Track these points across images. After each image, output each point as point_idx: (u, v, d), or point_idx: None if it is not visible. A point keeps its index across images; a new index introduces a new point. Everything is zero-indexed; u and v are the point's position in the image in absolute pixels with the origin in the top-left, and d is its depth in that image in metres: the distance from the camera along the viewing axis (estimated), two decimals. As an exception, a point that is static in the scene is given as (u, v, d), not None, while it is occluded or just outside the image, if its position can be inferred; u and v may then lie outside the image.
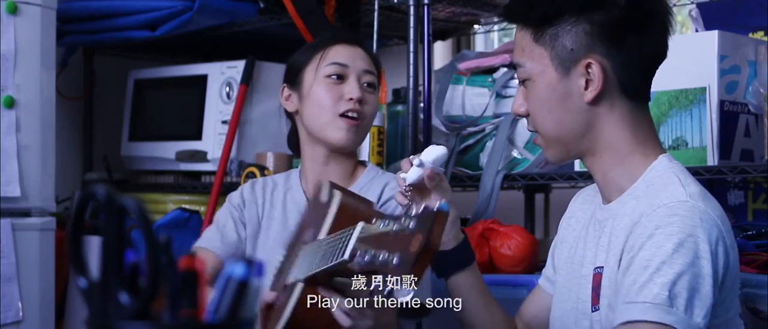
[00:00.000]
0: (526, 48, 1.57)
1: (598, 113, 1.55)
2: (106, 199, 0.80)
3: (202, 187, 3.12)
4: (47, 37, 2.69)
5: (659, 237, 1.44)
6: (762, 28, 2.69)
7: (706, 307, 1.43)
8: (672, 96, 2.31)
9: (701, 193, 1.51)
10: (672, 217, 1.45)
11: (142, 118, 3.31)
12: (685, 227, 1.44)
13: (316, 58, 2.11)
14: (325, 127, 2.08)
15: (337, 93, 2.07)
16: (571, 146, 1.58)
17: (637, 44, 1.55)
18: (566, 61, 1.53)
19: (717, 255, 1.45)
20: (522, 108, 1.60)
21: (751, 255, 2.26)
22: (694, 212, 1.45)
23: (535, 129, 1.60)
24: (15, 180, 2.59)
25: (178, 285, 0.81)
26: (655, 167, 1.55)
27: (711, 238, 1.44)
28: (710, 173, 2.29)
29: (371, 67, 2.13)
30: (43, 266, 2.66)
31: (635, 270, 1.45)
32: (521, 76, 1.59)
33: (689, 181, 1.52)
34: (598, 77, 1.52)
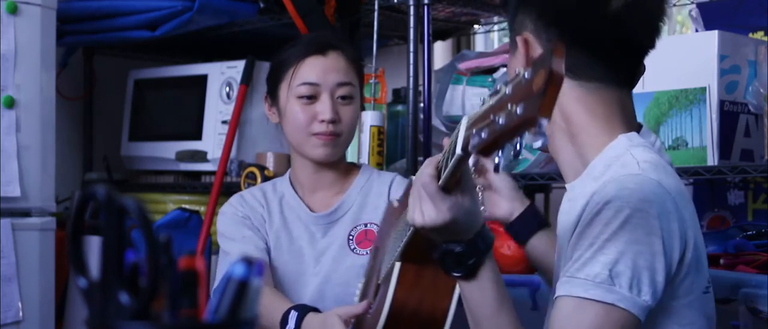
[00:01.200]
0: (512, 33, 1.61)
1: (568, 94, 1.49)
2: (106, 199, 0.80)
3: (202, 187, 3.13)
4: (47, 37, 2.69)
5: (607, 213, 1.36)
6: (762, 28, 2.69)
7: (657, 285, 1.36)
8: (672, 96, 2.31)
9: (655, 164, 1.42)
10: (621, 191, 1.37)
11: (142, 118, 3.31)
12: (633, 200, 1.36)
13: (288, 76, 2.08)
14: (301, 145, 2.08)
15: (310, 113, 2.05)
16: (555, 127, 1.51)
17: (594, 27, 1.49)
18: (513, 40, 1.55)
19: (671, 232, 1.38)
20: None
21: (751, 254, 2.26)
22: (646, 184, 1.38)
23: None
24: (15, 180, 2.59)
25: (178, 285, 0.81)
26: (614, 146, 1.47)
27: (662, 212, 1.37)
28: (710, 173, 2.29)
29: (346, 76, 2.08)
30: (43, 266, 2.66)
31: (582, 246, 1.38)
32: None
33: (646, 156, 1.44)
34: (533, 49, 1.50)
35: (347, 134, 2.08)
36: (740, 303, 2.11)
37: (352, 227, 2.10)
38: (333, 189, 2.14)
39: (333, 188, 2.14)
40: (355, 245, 2.09)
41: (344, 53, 2.10)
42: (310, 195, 2.15)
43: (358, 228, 2.10)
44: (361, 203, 2.11)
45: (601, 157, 1.48)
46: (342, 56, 2.09)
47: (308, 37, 2.15)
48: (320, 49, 2.08)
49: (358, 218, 2.11)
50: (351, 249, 2.09)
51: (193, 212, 3.06)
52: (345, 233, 2.10)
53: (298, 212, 2.13)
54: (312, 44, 2.09)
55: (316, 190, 2.14)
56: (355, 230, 2.10)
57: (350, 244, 2.10)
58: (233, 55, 3.08)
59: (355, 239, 2.10)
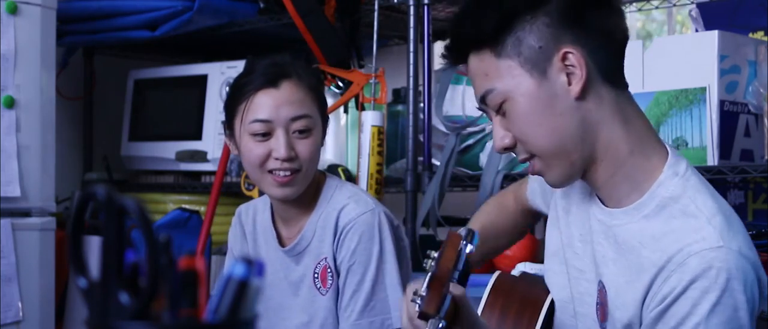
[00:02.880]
0: (489, 71, 1.44)
1: (588, 108, 1.42)
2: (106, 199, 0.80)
3: (202, 187, 3.13)
4: (47, 37, 2.69)
5: (694, 294, 1.36)
6: (762, 28, 2.69)
7: None
8: (672, 96, 2.31)
9: (726, 221, 1.41)
10: (708, 271, 1.36)
11: (142, 118, 3.31)
12: (721, 281, 1.36)
13: (241, 110, 1.95)
14: (258, 183, 2.00)
15: (264, 150, 1.94)
16: (574, 155, 1.43)
17: (600, 23, 1.43)
18: (539, 61, 1.41)
19: (754, 300, 1.39)
20: (506, 139, 1.46)
21: (751, 255, 2.26)
22: (729, 260, 1.37)
23: (531, 152, 1.45)
24: (15, 180, 2.59)
25: (178, 285, 0.81)
26: (664, 182, 1.44)
27: (746, 286, 1.37)
28: (710, 173, 2.29)
29: (302, 107, 1.94)
30: (43, 266, 2.66)
31: (668, 324, 1.38)
32: (495, 103, 1.44)
33: (710, 206, 1.42)
34: (580, 64, 1.40)
35: (307, 168, 1.96)
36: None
37: (316, 263, 2.01)
38: (298, 221, 2.04)
39: (299, 219, 2.04)
40: (319, 283, 2.00)
41: (300, 82, 1.96)
42: (282, 223, 2.08)
43: (321, 264, 2.00)
44: (320, 235, 2.00)
45: (651, 194, 1.44)
46: (297, 86, 1.95)
47: (262, 66, 1.98)
48: (272, 80, 1.94)
49: (320, 251, 2.00)
50: (317, 287, 2.01)
51: (193, 212, 3.06)
52: (312, 267, 2.01)
53: (270, 241, 2.08)
54: (264, 75, 1.95)
55: (285, 219, 2.06)
56: (319, 266, 2.00)
57: (316, 282, 2.01)
58: (233, 55, 3.08)
59: (320, 276, 2.01)
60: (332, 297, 1.99)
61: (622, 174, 1.46)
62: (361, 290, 1.96)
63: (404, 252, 2.06)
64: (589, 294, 1.53)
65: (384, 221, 1.98)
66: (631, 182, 1.46)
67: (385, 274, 1.97)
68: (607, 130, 1.44)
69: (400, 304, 1.53)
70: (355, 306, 1.96)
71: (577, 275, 1.56)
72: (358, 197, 2.00)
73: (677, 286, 1.37)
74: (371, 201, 2.01)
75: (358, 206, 1.97)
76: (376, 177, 2.64)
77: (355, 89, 2.71)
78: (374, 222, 1.96)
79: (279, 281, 2.05)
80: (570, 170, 1.46)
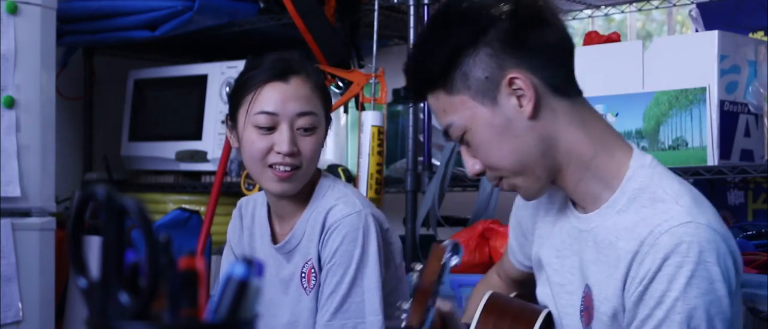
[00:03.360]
0: (445, 107, 1.52)
1: (543, 124, 1.50)
2: (106, 199, 0.80)
3: (202, 187, 3.13)
4: (47, 37, 2.69)
5: (669, 270, 1.41)
6: (762, 28, 2.69)
7: (728, 322, 1.43)
8: (672, 96, 2.31)
9: (694, 200, 1.47)
10: (679, 246, 1.41)
11: (142, 118, 3.31)
12: (693, 254, 1.41)
13: (247, 101, 1.95)
14: (257, 177, 1.99)
15: (266, 144, 1.93)
16: (538, 170, 1.51)
17: (539, 41, 1.50)
18: (488, 91, 1.48)
19: (728, 270, 1.43)
20: (477, 166, 1.54)
21: (751, 254, 2.26)
22: (700, 234, 1.42)
23: (499, 173, 1.53)
24: (15, 180, 2.59)
25: (178, 285, 0.81)
26: (632, 176, 1.50)
27: (719, 257, 1.42)
28: (710, 173, 2.29)
29: (308, 104, 1.95)
30: (43, 266, 2.66)
31: (648, 304, 1.43)
32: (456, 135, 1.53)
33: (676, 189, 1.48)
34: (527, 86, 1.48)
35: (307, 166, 1.96)
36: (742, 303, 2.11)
37: (304, 262, 2.00)
38: (291, 218, 2.03)
39: (292, 216, 2.03)
40: (306, 283, 2.00)
41: (308, 79, 1.97)
42: (277, 220, 2.08)
43: (308, 264, 2.00)
44: (309, 234, 1.99)
45: (621, 189, 1.50)
46: (305, 82, 1.96)
47: (271, 59, 1.99)
48: (281, 74, 1.95)
49: (308, 251, 2.00)
50: (303, 287, 2.00)
51: (193, 212, 3.06)
52: (300, 266, 2.01)
53: (265, 237, 2.08)
54: (273, 69, 1.96)
55: (280, 216, 2.06)
56: (306, 266, 2.00)
57: (303, 282, 2.00)
58: (233, 55, 3.08)
59: (307, 276, 2.00)
60: (314, 298, 1.99)
61: (590, 176, 1.52)
62: (338, 291, 1.94)
63: (393, 256, 2.04)
64: (571, 305, 1.58)
65: (371, 223, 1.97)
66: (601, 182, 1.52)
67: (364, 277, 1.95)
68: (566, 139, 1.51)
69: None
70: (330, 306, 1.94)
71: (558, 289, 1.61)
72: (346, 199, 1.99)
73: (652, 266, 1.43)
74: (359, 203, 1.99)
75: (346, 207, 1.97)
76: (376, 177, 2.63)
77: (355, 89, 2.71)
78: (359, 224, 1.95)
79: (271, 278, 2.04)
80: (538, 183, 1.54)
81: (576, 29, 3.70)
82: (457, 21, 1.52)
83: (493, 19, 1.48)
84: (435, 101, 1.54)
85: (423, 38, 1.58)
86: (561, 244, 1.61)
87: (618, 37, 2.55)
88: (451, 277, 2.46)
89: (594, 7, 2.98)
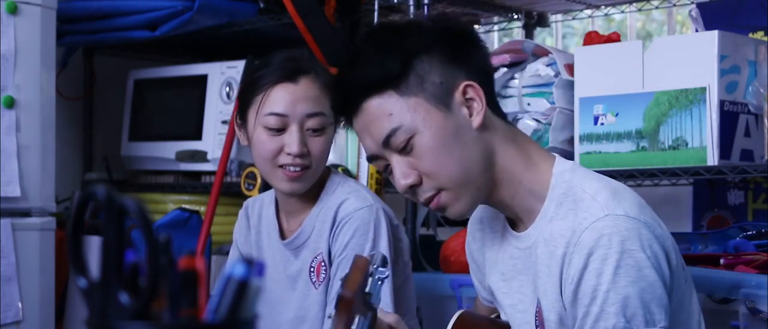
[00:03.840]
0: (393, 110, 1.51)
1: (487, 138, 1.53)
2: (106, 199, 0.80)
3: (202, 187, 3.13)
4: (47, 37, 2.69)
5: (595, 264, 1.43)
6: (762, 28, 2.69)
7: (665, 306, 1.44)
8: (672, 96, 2.31)
9: (612, 194, 1.48)
10: (600, 239, 1.43)
11: (142, 118, 3.31)
12: (616, 244, 1.43)
13: (257, 101, 1.96)
14: (268, 176, 2.00)
15: (276, 145, 1.95)
16: (480, 182, 1.53)
17: (480, 60, 1.57)
18: (442, 96, 1.51)
19: (656, 255, 1.45)
20: (410, 178, 1.53)
21: (751, 254, 2.26)
22: (618, 224, 1.44)
23: (439, 186, 1.53)
24: (15, 180, 2.59)
25: (178, 285, 0.81)
26: (556, 184, 1.53)
27: (643, 243, 1.44)
28: (710, 173, 2.29)
29: (317, 105, 1.96)
30: (43, 266, 2.66)
31: (583, 303, 1.45)
32: (399, 141, 1.51)
33: (595, 187, 1.50)
34: (479, 96, 1.51)
35: (317, 165, 1.98)
36: (740, 303, 2.11)
37: (313, 257, 2.01)
38: (300, 214, 2.04)
39: (301, 213, 2.04)
40: (315, 278, 2.01)
41: (316, 79, 1.98)
42: (285, 216, 2.08)
43: (317, 259, 2.01)
44: (319, 229, 2.01)
45: (549, 198, 1.53)
46: (314, 83, 1.97)
47: (280, 59, 2.00)
48: (291, 75, 1.96)
49: (317, 246, 2.01)
50: (312, 282, 2.01)
51: (193, 212, 3.06)
52: (309, 261, 2.01)
53: (272, 234, 2.08)
54: (282, 69, 1.97)
55: (289, 212, 2.07)
56: (315, 261, 2.01)
57: (312, 277, 2.01)
58: (233, 55, 3.08)
59: (316, 271, 2.01)
60: (324, 292, 1.99)
61: (523, 190, 1.55)
62: None
63: (401, 252, 2.05)
64: (526, 323, 1.59)
65: (382, 218, 1.98)
66: (532, 194, 1.55)
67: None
68: (502, 154, 1.54)
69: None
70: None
71: (511, 310, 1.63)
72: (358, 193, 2.00)
73: (579, 264, 1.45)
74: (371, 197, 2.01)
75: (357, 201, 1.98)
76: (377, 177, 2.63)
77: (355, 89, 2.71)
78: (370, 219, 1.96)
79: (278, 274, 2.05)
80: (476, 196, 1.55)
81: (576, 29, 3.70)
82: (407, 31, 1.55)
83: (439, 32, 1.53)
84: (379, 105, 1.52)
85: (370, 44, 1.56)
86: (505, 267, 1.63)
87: (618, 37, 2.55)
88: (450, 277, 2.46)
89: (594, 7, 2.98)
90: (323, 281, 1.99)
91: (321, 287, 1.99)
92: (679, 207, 2.91)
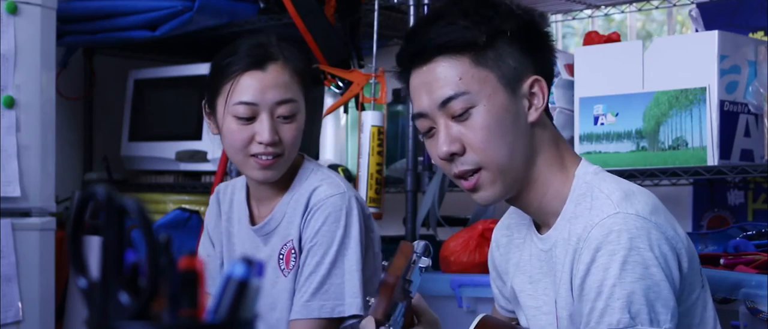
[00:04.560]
0: (463, 76, 1.50)
1: (535, 135, 1.55)
2: (106, 199, 0.80)
3: (202, 187, 3.13)
4: (47, 37, 2.69)
5: (602, 259, 1.44)
6: (762, 28, 2.69)
7: (671, 308, 1.44)
8: (672, 96, 2.31)
9: (625, 195, 1.49)
10: (608, 235, 1.44)
11: (142, 118, 3.31)
12: (624, 241, 1.43)
13: (225, 90, 1.93)
14: (239, 165, 1.99)
15: (247, 134, 1.92)
16: (518, 174, 1.53)
17: (550, 60, 1.59)
18: (513, 80, 1.52)
19: (664, 256, 1.45)
20: (455, 145, 1.52)
21: (751, 254, 2.26)
22: (628, 222, 1.44)
23: (481, 164, 1.52)
24: (15, 180, 2.59)
25: (178, 285, 0.81)
26: (577, 185, 1.54)
27: (652, 243, 1.44)
28: (710, 173, 2.29)
29: (287, 92, 1.93)
30: (43, 266, 2.66)
31: (589, 298, 1.45)
32: (458, 107, 1.51)
33: (611, 188, 1.51)
34: (544, 93, 1.54)
35: (289, 153, 1.95)
36: (740, 303, 2.11)
37: (283, 244, 2.00)
38: (271, 201, 2.03)
39: (272, 199, 2.03)
40: (284, 265, 1.99)
41: (286, 64, 1.95)
42: (256, 203, 2.08)
43: (287, 246, 1.99)
44: (290, 216, 1.99)
45: (570, 198, 1.54)
46: (283, 69, 1.94)
47: (247, 45, 1.96)
48: (259, 62, 1.93)
49: (288, 233, 2.00)
50: (281, 268, 2.00)
51: (193, 212, 3.06)
52: (278, 248, 2.00)
53: (243, 220, 2.08)
54: (250, 57, 1.93)
55: (259, 199, 2.06)
56: (285, 248, 2.00)
57: (281, 264, 2.00)
58: (233, 55, 3.07)
59: (285, 258, 2.00)
60: (292, 280, 1.98)
61: (552, 192, 1.56)
62: (318, 271, 1.93)
63: (372, 243, 2.04)
64: (550, 325, 1.59)
65: (354, 206, 1.97)
66: (558, 198, 1.56)
67: (344, 259, 1.95)
68: (543, 155, 1.56)
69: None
70: (309, 286, 1.93)
71: (534, 312, 1.63)
72: (331, 180, 1.99)
73: (587, 259, 1.46)
74: (344, 185, 2.00)
75: (330, 188, 1.97)
76: (376, 177, 2.63)
77: (355, 89, 2.71)
78: (343, 206, 1.95)
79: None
80: (510, 187, 1.55)
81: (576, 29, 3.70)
82: (498, 8, 1.55)
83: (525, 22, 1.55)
84: (450, 67, 1.52)
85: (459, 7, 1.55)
86: (532, 269, 1.63)
87: (618, 37, 2.55)
88: (450, 277, 2.47)
89: (594, 7, 2.98)
90: (293, 269, 1.98)
91: (290, 275, 1.98)
92: (679, 207, 2.91)
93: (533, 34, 1.56)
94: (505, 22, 1.53)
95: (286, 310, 1.98)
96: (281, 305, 1.99)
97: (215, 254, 2.13)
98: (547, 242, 1.58)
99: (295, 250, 1.98)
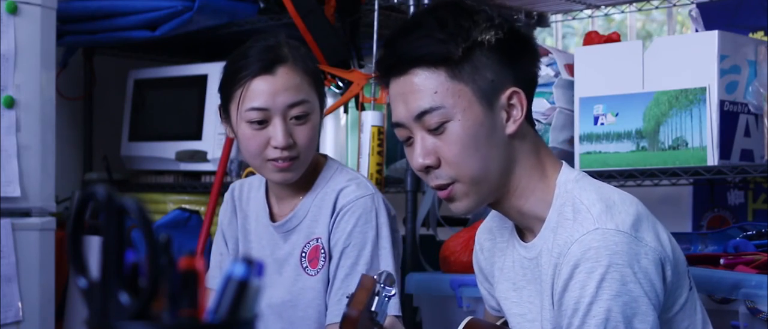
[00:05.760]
0: (439, 89, 1.49)
1: (514, 146, 1.53)
2: (106, 199, 0.80)
3: (202, 187, 3.13)
4: (47, 37, 2.69)
5: (580, 277, 1.43)
6: (762, 28, 2.69)
7: (650, 323, 1.43)
8: (672, 96, 2.31)
9: (606, 207, 1.47)
10: (587, 252, 1.43)
11: (142, 118, 3.31)
12: (603, 259, 1.42)
13: (237, 96, 1.93)
14: (257, 169, 2.00)
15: (262, 139, 1.92)
16: (493, 185, 1.53)
17: (531, 69, 1.57)
18: (489, 94, 1.50)
19: (644, 271, 1.44)
20: (430, 158, 1.52)
21: (751, 254, 2.26)
22: (607, 238, 1.43)
23: (455, 177, 1.52)
24: (15, 180, 2.59)
25: (178, 285, 0.81)
26: (559, 193, 1.53)
27: (631, 259, 1.43)
28: (710, 173, 2.29)
29: (299, 93, 1.93)
30: (43, 266, 2.66)
31: (566, 314, 1.45)
32: (433, 121, 1.50)
33: (592, 199, 1.49)
34: (522, 105, 1.52)
35: (305, 154, 1.95)
36: (740, 303, 2.11)
37: (306, 242, 2.00)
38: (293, 199, 2.03)
39: (293, 198, 2.03)
40: (306, 263, 1.99)
41: (295, 66, 1.94)
42: (276, 200, 2.08)
43: (311, 244, 1.99)
44: (315, 214, 1.99)
45: (552, 207, 1.53)
46: (293, 71, 1.94)
47: (256, 49, 1.95)
48: (268, 67, 1.92)
49: (312, 231, 1.99)
50: (303, 267, 1.99)
51: (193, 212, 3.06)
52: (300, 246, 2.00)
53: (262, 217, 2.08)
54: (259, 61, 1.93)
55: (280, 197, 2.06)
56: (308, 246, 2.00)
57: (303, 262, 2.00)
58: (233, 55, 3.07)
59: (308, 256, 1.99)
60: (322, 280, 1.97)
61: (533, 200, 1.55)
62: (354, 273, 1.93)
63: (397, 243, 2.04)
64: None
65: (382, 207, 1.98)
66: (540, 205, 1.55)
67: (380, 259, 1.95)
68: (522, 165, 1.54)
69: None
70: (346, 289, 1.92)
71: (519, 319, 1.62)
72: (358, 181, 2.00)
73: (565, 275, 1.45)
74: (371, 187, 2.01)
75: (359, 189, 1.97)
76: (376, 177, 2.64)
77: (355, 89, 2.71)
78: (372, 207, 1.96)
79: (264, 258, 2.04)
80: (485, 197, 1.55)
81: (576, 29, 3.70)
82: (476, 20, 1.52)
83: (505, 32, 1.52)
84: (426, 79, 1.51)
85: (436, 17, 1.53)
86: (515, 276, 1.62)
87: (618, 37, 2.55)
88: (450, 277, 2.47)
89: (594, 7, 2.98)
90: (321, 268, 1.98)
91: (319, 275, 1.98)
92: (679, 207, 2.91)
93: (513, 43, 1.53)
94: (483, 33, 1.50)
95: (312, 309, 1.98)
96: (305, 303, 1.99)
97: (228, 253, 2.13)
98: (531, 251, 1.57)
99: (324, 249, 1.98)
